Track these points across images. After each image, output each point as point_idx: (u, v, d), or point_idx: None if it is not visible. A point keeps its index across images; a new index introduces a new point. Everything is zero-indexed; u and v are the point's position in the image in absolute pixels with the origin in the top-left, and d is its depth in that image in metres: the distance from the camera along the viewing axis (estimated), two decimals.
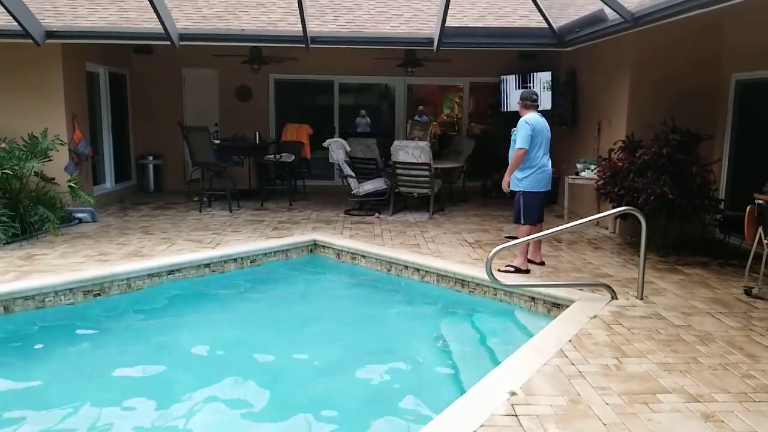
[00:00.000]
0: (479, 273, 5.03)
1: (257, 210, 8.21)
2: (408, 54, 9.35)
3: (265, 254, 6.03)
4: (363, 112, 10.99)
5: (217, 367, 3.97)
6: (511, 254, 5.39)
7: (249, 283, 5.60)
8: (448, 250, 5.99)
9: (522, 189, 5.19)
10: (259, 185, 9.42)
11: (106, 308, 4.81)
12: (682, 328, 3.95)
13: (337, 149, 8.02)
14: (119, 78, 9.35)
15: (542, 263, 5.47)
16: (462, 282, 5.20)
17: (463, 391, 3.17)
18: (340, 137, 8.82)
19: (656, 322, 4.04)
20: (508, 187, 5.25)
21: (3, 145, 6.69)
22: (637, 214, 4.48)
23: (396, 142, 7.99)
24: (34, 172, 6.63)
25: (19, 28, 6.44)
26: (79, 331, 4.43)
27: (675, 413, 2.84)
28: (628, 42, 6.60)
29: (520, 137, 5.08)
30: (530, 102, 5.23)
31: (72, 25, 7.09)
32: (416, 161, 7.72)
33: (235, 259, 5.81)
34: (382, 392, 3.64)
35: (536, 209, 5.26)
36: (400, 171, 7.91)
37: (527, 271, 5.18)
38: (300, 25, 6.77)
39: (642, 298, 4.49)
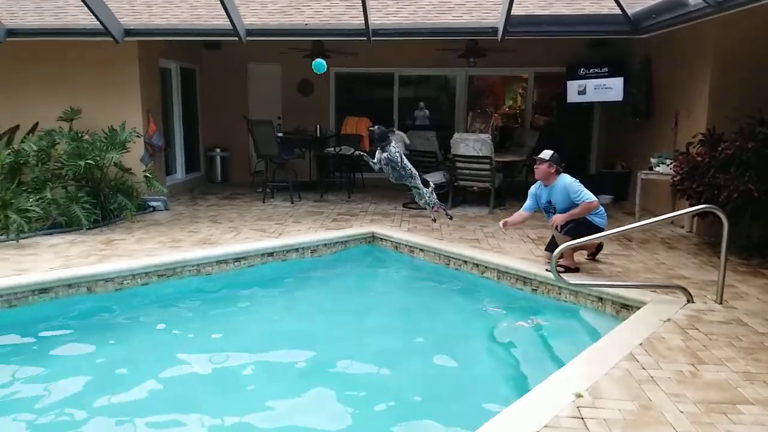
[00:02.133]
0: (543, 271, 4.90)
1: (317, 202, 8.34)
2: (470, 44, 9.19)
3: (325, 245, 6.12)
4: (422, 104, 10.91)
5: (277, 352, 4.05)
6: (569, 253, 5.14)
7: (309, 273, 5.70)
8: (510, 246, 5.85)
9: (591, 219, 4.96)
10: (319, 177, 9.57)
11: (178, 292, 5.03)
12: (766, 335, 3.67)
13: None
14: (190, 73, 9.72)
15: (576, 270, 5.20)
16: (524, 279, 5.07)
17: (523, 391, 3.09)
18: (399, 130, 8.80)
19: (737, 329, 3.78)
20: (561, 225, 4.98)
21: (86, 136, 7.14)
22: (718, 213, 4.19)
23: (456, 135, 7.89)
24: (114, 162, 7.03)
25: (101, 27, 6.80)
26: (150, 314, 4.66)
27: (758, 426, 2.65)
28: (710, 28, 6.17)
29: (584, 193, 4.88)
30: (561, 167, 5.08)
31: (148, 23, 7.42)
32: (477, 154, 7.59)
33: (297, 249, 5.93)
34: (438, 387, 3.61)
35: (583, 235, 4.92)
36: (459, 164, 7.81)
37: (577, 270, 4.98)
38: (362, 18, 6.78)
39: (721, 302, 4.21)
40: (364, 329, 4.52)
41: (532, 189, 5.25)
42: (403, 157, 5.87)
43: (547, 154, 5.08)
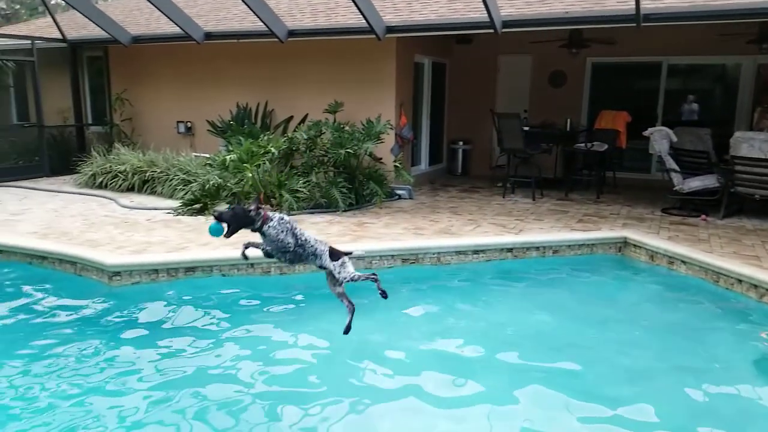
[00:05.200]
0: None
1: (561, 200, 8.32)
2: (764, 28, 8.10)
3: (569, 246, 6.13)
4: (691, 97, 9.98)
5: (511, 352, 4.22)
6: None
7: (549, 274, 5.79)
8: None
9: None
10: (564, 174, 9.48)
11: (419, 277, 5.60)
12: None
13: (661, 139, 7.54)
14: (440, 67, 10.49)
15: None
16: None
17: None
18: (663, 125, 8.24)
19: None
20: None
21: (346, 128, 8.33)
22: None
23: (738, 134, 7.15)
24: (368, 152, 8.07)
25: (367, 25, 7.81)
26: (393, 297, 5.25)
27: None
28: None
29: None
30: None
31: (407, 19, 8.26)
32: (764, 157, 6.73)
33: (537, 248, 6.08)
34: (691, 416, 3.40)
35: None
36: (739, 168, 7.01)
37: None
38: (632, 2, 6.54)
39: None
40: (610, 342, 4.45)
41: None
42: (297, 231, 3.51)
43: None
